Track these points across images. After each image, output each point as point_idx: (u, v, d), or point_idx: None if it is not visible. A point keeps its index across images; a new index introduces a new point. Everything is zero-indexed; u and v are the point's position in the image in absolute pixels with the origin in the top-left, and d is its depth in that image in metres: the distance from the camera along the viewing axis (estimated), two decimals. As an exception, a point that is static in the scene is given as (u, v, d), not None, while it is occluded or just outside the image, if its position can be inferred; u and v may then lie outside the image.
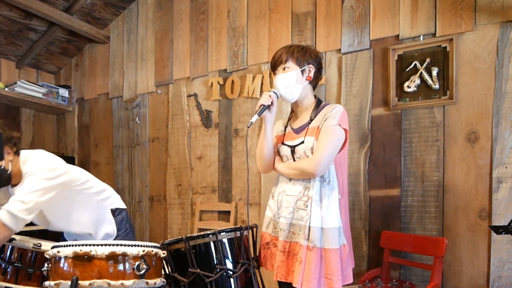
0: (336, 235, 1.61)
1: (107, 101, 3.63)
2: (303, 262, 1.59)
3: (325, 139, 1.62)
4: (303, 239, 1.61)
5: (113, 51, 3.59)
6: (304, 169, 1.64)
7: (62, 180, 1.82)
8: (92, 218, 2.03)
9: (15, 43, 3.39)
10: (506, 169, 2.07)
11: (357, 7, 2.48)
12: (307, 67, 1.72)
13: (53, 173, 1.78)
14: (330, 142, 1.61)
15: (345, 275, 1.64)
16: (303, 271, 1.59)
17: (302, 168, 1.65)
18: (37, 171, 1.74)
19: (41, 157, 1.84)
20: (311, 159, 1.64)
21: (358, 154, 2.45)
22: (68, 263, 1.46)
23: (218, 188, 3.01)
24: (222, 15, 3.01)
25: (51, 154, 1.91)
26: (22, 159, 1.82)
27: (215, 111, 3.03)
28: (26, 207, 1.65)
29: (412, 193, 2.31)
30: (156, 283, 1.54)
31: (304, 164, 1.65)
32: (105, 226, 2.05)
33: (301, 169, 1.65)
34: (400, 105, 2.33)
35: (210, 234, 1.65)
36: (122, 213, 2.15)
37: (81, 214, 2.00)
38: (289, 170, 1.71)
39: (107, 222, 2.06)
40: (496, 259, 2.08)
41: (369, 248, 2.42)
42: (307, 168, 1.63)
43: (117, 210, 2.12)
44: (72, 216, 1.99)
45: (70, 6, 3.22)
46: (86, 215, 2.01)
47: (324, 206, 1.62)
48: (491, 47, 2.11)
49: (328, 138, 1.62)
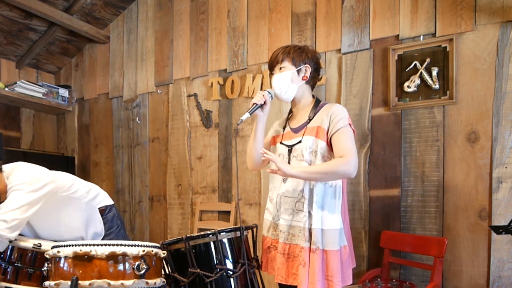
0: (336, 237, 1.61)
1: (107, 101, 3.63)
2: (307, 264, 1.59)
3: (347, 141, 1.61)
4: (304, 241, 1.61)
5: (113, 51, 3.59)
6: (342, 171, 1.57)
7: (47, 189, 1.80)
8: (82, 221, 2.02)
9: (15, 43, 3.39)
10: (506, 169, 2.07)
11: (357, 7, 2.48)
12: (303, 67, 1.72)
13: (38, 184, 1.75)
14: (352, 142, 1.63)
15: (345, 276, 1.65)
16: (308, 273, 1.58)
17: (339, 171, 1.57)
18: (20, 186, 1.72)
19: (24, 170, 1.81)
20: (345, 160, 1.57)
21: (358, 154, 2.45)
22: (68, 263, 1.46)
23: (218, 188, 3.01)
24: (222, 15, 3.01)
25: (33, 165, 1.88)
26: (5, 174, 1.80)
27: (215, 111, 3.03)
28: (8, 226, 1.63)
29: (412, 193, 2.31)
30: (156, 283, 1.54)
31: (342, 167, 1.56)
32: (93, 225, 2.05)
33: (337, 171, 1.57)
34: (400, 105, 2.33)
35: (210, 234, 1.65)
36: (112, 210, 2.15)
37: (70, 219, 1.98)
38: (315, 174, 1.59)
39: (96, 221, 2.05)
40: (496, 259, 2.08)
41: (369, 248, 2.42)
42: (345, 170, 1.56)
43: (106, 208, 2.11)
44: (62, 223, 1.96)
45: (70, 6, 3.22)
46: (76, 219, 2.00)
47: (325, 207, 1.62)
48: (491, 47, 2.11)
49: (347, 138, 1.62)
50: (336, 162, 1.58)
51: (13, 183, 1.73)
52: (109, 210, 2.12)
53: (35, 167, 1.87)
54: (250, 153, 1.85)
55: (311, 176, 1.60)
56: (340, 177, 1.62)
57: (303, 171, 1.59)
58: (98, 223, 2.06)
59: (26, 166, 1.85)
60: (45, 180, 1.80)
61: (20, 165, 1.86)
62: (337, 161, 1.58)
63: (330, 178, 1.61)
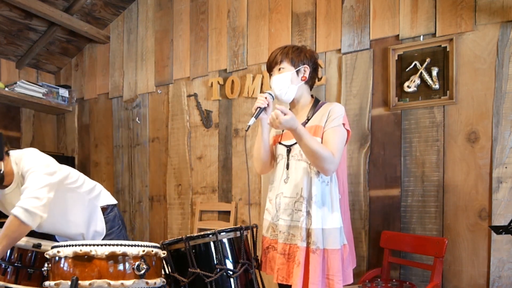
0: (337, 235, 1.61)
1: (107, 101, 3.63)
2: (301, 264, 1.59)
3: (337, 140, 1.61)
4: (300, 240, 1.61)
5: (113, 51, 3.59)
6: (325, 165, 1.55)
7: (59, 177, 1.81)
8: (85, 218, 2.01)
9: (15, 43, 3.39)
10: (506, 169, 2.07)
11: (357, 7, 2.48)
12: (302, 67, 1.72)
13: (51, 169, 1.76)
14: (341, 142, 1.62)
15: (345, 275, 1.65)
16: (302, 273, 1.58)
17: (324, 163, 1.54)
18: (37, 168, 1.71)
19: (36, 154, 1.82)
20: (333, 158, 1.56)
21: (358, 154, 2.45)
22: (68, 263, 1.46)
23: (218, 188, 3.01)
24: (222, 15, 3.01)
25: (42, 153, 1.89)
26: (13, 159, 1.80)
27: (215, 111, 3.03)
28: (42, 204, 1.63)
29: (412, 193, 2.31)
30: (156, 283, 1.54)
31: (328, 161, 1.54)
32: (94, 224, 2.04)
33: (323, 161, 1.54)
34: (400, 105, 2.33)
35: (210, 234, 1.65)
36: (114, 210, 2.14)
37: (75, 214, 1.98)
38: (307, 144, 1.53)
39: (97, 220, 2.04)
40: (496, 259, 2.08)
41: (369, 248, 2.42)
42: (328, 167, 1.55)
43: (108, 207, 2.11)
44: (65, 217, 1.95)
45: (70, 6, 3.22)
46: (80, 215, 1.99)
47: (325, 207, 1.62)
48: (491, 47, 2.11)
49: (338, 137, 1.62)
50: (327, 154, 1.55)
51: (29, 167, 1.72)
52: (111, 210, 2.11)
53: (44, 155, 1.87)
54: (258, 155, 1.82)
55: (302, 142, 1.55)
56: (319, 167, 1.58)
57: (300, 133, 1.53)
58: (100, 221, 2.05)
59: (38, 152, 1.85)
60: (55, 168, 1.80)
61: (31, 150, 1.85)
62: (329, 154, 1.56)
63: (312, 159, 1.57)
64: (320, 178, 1.64)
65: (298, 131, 1.53)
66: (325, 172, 1.60)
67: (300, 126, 1.54)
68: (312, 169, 1.64)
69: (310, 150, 1.54)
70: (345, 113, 1.68)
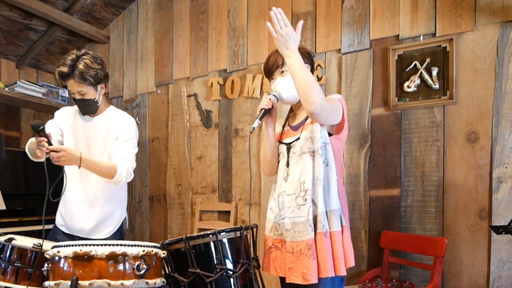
0: (338, 217, 1.60)
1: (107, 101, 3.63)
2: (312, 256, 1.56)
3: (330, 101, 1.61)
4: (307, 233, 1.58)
5: (113, 51, 3.59)
6: (317, 88, 1.49)
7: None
8: (120, 197, 2.17)
9: (15, 43, 3.39)
10: (506, 169, 2.07)
11: (357, 7, 2.48)
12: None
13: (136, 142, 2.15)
14: (333, 106, 1.59)
15: (346, 257, 1.62)
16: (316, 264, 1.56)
17: (314, 94, 1.48)
18: (135, 140, 2.11)
19: (136, 127, 2.15)
20: (324, 98, 1.52)
21: (358, 154, 2.45)
22: (68, 263, 1.46)
23: (218, 188, 3.01)
24: (222, 15, 3.01)
25: None
26: (113, 107, 2.21)
27: (215, 111, 3.03)
28: (133, 165, 2.07)
29: (412, 193, 2.31)
30: (156, 283, 1.54)
31: (317, 94, 1.48)
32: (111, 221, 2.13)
33: (313, 92, 1.48)
34: (400, 105, 2.33)
35: (210, 234, 1.65)
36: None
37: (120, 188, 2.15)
38: (301, 70, 1.50)
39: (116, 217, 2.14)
40: (496, 259, 2.08)
41: (369, 248, 2.41)
42: (318, 90, 1.49)
43: None
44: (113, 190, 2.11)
45: (70, 6, 3.22)
46: (122, 194, 2.20)
47: (326, 189, 1.61)
48: (491, 47, 2.11)
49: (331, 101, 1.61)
50: (319, 88, 1.52)
51: (128, 133, 2.06)
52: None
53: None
54: (265, 158, 1.82)
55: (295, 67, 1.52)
56: (308, 96, 1.50)
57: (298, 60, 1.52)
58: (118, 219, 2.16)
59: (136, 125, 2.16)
60: None
61: (133, 120, 2.15)
62: (320, 89, 1.53)
63: (305, 87, 1.50)
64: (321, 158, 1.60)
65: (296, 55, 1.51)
66: (310, 106, 1.50)
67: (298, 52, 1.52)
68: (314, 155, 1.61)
69: (303, 77, 1.50)
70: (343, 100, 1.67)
